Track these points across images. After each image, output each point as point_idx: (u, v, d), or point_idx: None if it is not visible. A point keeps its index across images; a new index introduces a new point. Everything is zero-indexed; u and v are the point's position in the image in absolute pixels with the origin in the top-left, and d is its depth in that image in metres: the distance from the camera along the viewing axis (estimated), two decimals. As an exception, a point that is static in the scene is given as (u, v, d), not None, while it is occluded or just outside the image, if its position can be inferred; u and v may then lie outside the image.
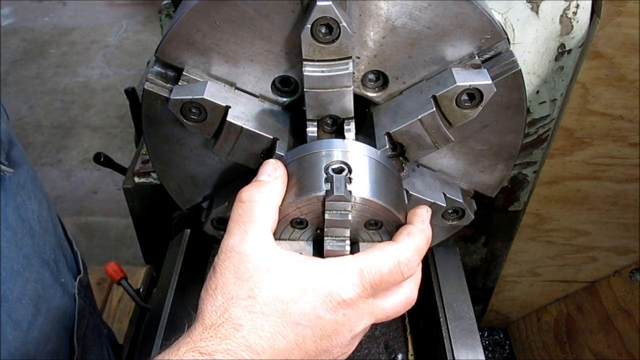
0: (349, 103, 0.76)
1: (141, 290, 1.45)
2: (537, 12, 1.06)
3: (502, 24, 1.05)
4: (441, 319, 1.11)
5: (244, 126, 0.77)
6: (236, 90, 0.80)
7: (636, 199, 1.42)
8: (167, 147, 0.87)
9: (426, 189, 0.87)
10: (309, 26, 0.68)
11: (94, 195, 3.31)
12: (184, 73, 0.77)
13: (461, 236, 1.58)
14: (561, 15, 1.07)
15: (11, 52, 4.66)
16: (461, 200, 0.89)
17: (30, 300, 0.94)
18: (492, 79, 0.74)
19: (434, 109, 0.75)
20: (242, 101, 0.79)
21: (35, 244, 0.99)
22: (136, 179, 1.31)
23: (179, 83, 0.77)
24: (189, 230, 1.25)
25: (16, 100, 4.06)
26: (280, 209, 0.72)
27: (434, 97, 0.75)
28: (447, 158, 0.88)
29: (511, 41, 1.07)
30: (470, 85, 0.74)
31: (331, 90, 0.74)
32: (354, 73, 0.77)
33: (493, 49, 0.76)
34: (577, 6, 1.06)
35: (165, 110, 0.78)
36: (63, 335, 1.06)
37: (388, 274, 0.66)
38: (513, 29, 1.07)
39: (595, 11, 1.08)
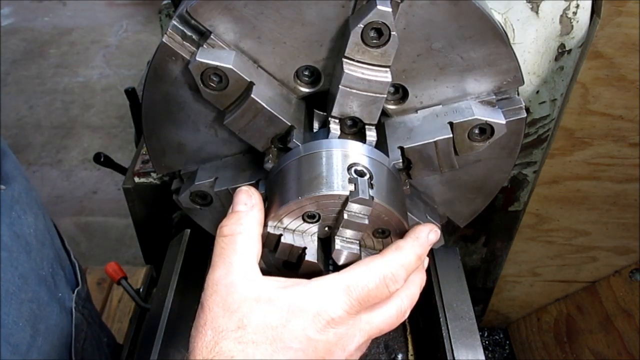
0: (377, 111, 0.77)
1: (141, 290, 1.45)
2: (537, 12, 1.06)
3: (502, 24, 1.05)
4: (441, 319, 1.11)
5: (265, 106, 0.75)
6: (258, 69, 0.78)
7: (636, 199, 1.42)
8: (165, 107, 0.83)
9: (413, 207, 0.89)
10: (362, 26, 0.68)
11: (94, 195, 3.31)
12: (211, 37, 0.74)
13: (461, 236, 1.58)
14: (561, 15, 1.07)
15: (11, 52, 4.66)
16: (439, 224, 0.90)
17: (27, 321, 0.92)
18: None
19: (451, 134, 0.78)
20: (263, 81, 0.78)
21: (32, 260, 0.97)
22: (136, 179, 1.31)
23: (204, 45, 0.74)
24: (189, 230, 1.25)
25: (16, 100, 4.07)
26: (297, 200, 0.71)
27: (451, 124, 0.77)
28: (434, 183, 0.91)
29: (511, 41, 1.07)
30: (486, 121, 0.77)
31: (364, 93, 0.74)
32: None
33: (508, 93, 0.80)
34: (577, 6, 1.06)
35: (177, 69, 0.76)
36: (63, 352, 1.04)
37: (375, 289, 0.66)
38: (513, 29, 1.07)
39: (595, 11, 1.08)
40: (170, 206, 1.34)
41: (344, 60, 0.72)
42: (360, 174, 0.72)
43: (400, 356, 1.16)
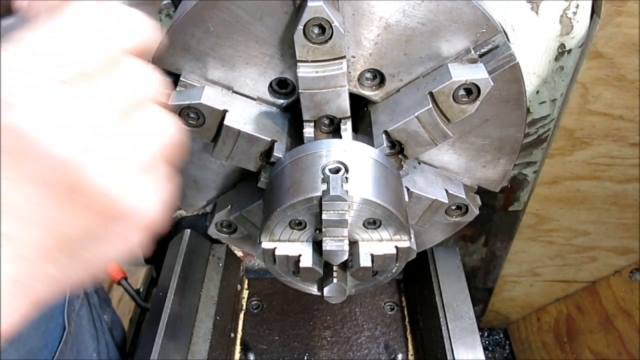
0: (345, 102, 0.76)
1: (141, 290, 1.45)
2: (537, 12, 1.06)
3: (502, 24, 1.05)
4: (441, 319, 1.11)
5: (241, 129, 0.77)
6: (234, 94, 0.80)
7: (636, 199, 1.42)
8: None
9: (427, 185, 0.87)
10: (301, 27, 0.68)
11: (94, 195, 3.31)
12: (181, 79, 0.78)
13: (461, 236, 1.58)
14: (561, 15, 1.07)
15: (11, 52, 4.66)
16: (463, 196, 0.89)
17: None
18: (490, 73, 0.74)
19: (431, 105, 0.75)
20: (240, 104, 0.80)
21: None
22: (136, 179, 1.31)
23: (177, 89, 0.78)
24: (189, 230, 1.25)
25: (16, 100, 4.07)
26: (277, 211, 0.71)
27: (431, 94, 0.75)
28: (449, 154, 0.89)
29: (511, 41, 1.07)
30: (466, 80, 0.74)
31: (326, 90, 0.74)
32: (350, 72, 0.77)
33: (490, 43, 0.76)
34: (577, 6, 1.06)
35: None
36: (55, 308, 1.04)
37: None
38: (513, 29, 1.07)
39: (595, 11, 1.08)
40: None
41: (299, 64, 0.72)
42: (335, 170, 0.72)
43: (400, 356, 1.16)
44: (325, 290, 0.81)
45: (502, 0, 1.03)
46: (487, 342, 2.01)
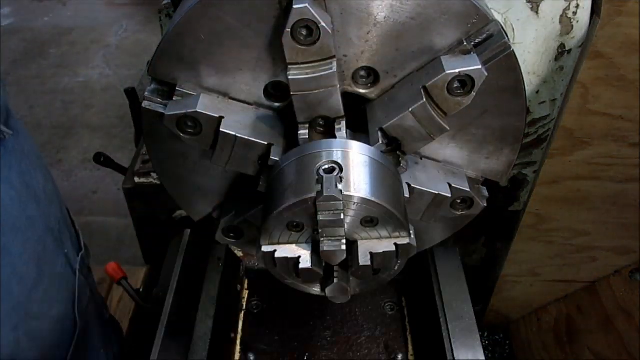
0: (337, 102, 0.76)
1: (141, 290, 1.45)
2: (537, 12, 1.06)
3: (502, 24, 1.05)
4: (441, 319, 1.11)
5: (237, 135, 0.77)
6: (230, 100, 0.80)
7: (636, 199, 1.42)
8: (171, 162, 0.88)
9: (429, 181, 0.87)
10: (289, 30, 0.69)
11: (94, 195, 3.30)
12: (177, 88, 0.78)
13: (461, 236, 1.58)
14: (561, 15, 1.07)
15: (11, 52, 4.65)
16: (467, 189, 0.88)
17: (32, 259, 0.96)
18: (485, 63, 0.74)
19: (424, 99, 0.75)
20: (236, 110, 0.80)
21: (41, 210, 1.00)
22: (136, 179, 1.31)
23: (174, 98, 0.78)
24: (189, 230, 1.25)
25: (16, 100, 4.06)
26: (274, 214, 0.71)
27: (424, 88, 0.75)
28: (451, 148, 0.88)
29: (511, 41, 1.07)
30: (459, 72, 0.73)
31: (318, 91, 0.74)
32: (343, 71, 0.77)
33: (484, 33, 0.75)
34: (577, 6, 1.06)
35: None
36: (68, 305, 1.08)
37: None
38: (513, 29, 1.07)
39: (595, 11, 1.08)
40: (170, 206, 1.34)
41: (289, 66, 0.72)
42: (329, 171, 0.72)
43: (400, 356, 1.16)
44: (327, 290, 0.81)
45: (502, 0, 1.03)
46: (487, 342, 2.01)
